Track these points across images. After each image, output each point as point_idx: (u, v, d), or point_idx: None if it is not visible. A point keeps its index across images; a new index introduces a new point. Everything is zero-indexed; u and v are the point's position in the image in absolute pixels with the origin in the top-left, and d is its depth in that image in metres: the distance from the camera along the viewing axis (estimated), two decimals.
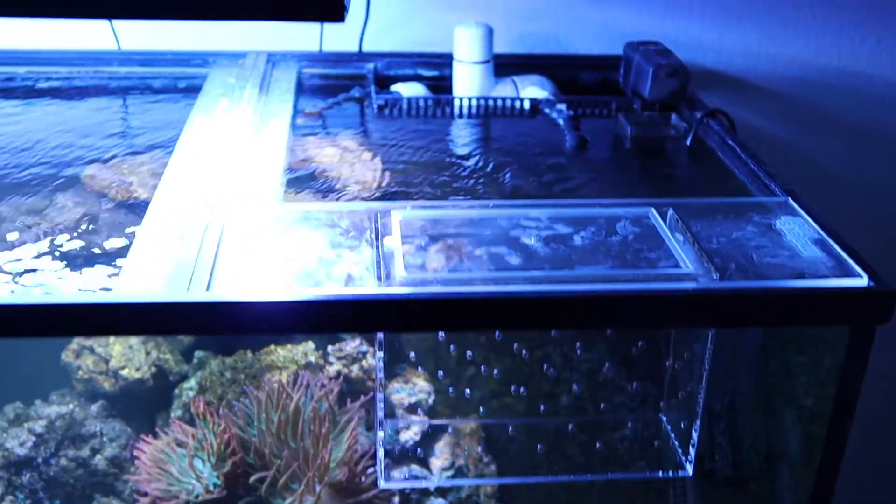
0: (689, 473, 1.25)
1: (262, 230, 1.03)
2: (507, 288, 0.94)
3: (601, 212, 1.11)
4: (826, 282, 0.98)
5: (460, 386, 1.34)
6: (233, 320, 0.89)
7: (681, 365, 1.24)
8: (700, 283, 0.97)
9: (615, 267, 1.00)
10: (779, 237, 1.07)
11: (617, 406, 1.29)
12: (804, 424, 1.17)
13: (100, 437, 1.38)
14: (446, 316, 0.93)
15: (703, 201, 1.15)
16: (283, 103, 1.44)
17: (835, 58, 1.80)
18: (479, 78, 1.55)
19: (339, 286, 0.93)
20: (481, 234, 1.05)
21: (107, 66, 1.60)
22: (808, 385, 1.16)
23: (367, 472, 1.30)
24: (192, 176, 1.16)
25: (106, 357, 1.39)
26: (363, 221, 1.06)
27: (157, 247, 0.99)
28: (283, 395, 1.31)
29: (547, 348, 1.28)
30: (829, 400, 1.07)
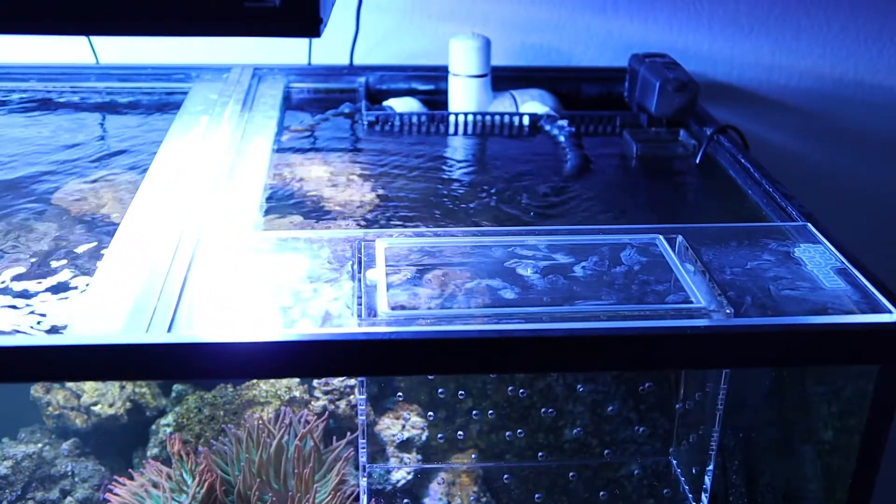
0: None
1: (234, 261, 0.95)
2: (502, 327, 0.85)
3: (604, 239, 1.02)
4: (852, 318, 0.89)
5: (455, 422, 1.26)
6: (195, 365, 0.81)
7: (692, 405, 1.15)
8: (713, 320, 0.88)
9: (620, 302, 0.91)
10: (798, 267, 0.98)
11: (623, 448, 1.20)
12: (824, 459, 1.08)
13: (71, 478, 1.30)
14: (434, 358, 0.84)
15: (715, 227, 1.06)
16: (267, 120, 1.36)
17: (851, 69, 1.72)
18: (475, 92, 1.47)
19: (313, 326, 0.84)
20: (473, 266, 0.96)
21: (84, 82, 1.52)
22: (828, 416, 1.08)
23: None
24: (164, 201, 1.08)
25: (78, 392, 1.30)
26: (345, 251, 0.97)
27: (119, 280, 0.90)
28: (264, 433, 1.22)
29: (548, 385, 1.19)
30: (850, 432, 0.99)
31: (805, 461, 1.12)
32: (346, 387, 1.28)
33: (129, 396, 1.30)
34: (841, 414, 1.06)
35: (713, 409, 1.10)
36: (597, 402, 1.16)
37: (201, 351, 0.80)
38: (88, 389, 1.29)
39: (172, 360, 0.80)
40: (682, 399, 1.15)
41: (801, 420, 1.13)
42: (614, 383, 1.16)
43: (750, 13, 1.66)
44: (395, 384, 1.29)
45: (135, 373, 0.82)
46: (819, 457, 1.09)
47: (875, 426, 0.95)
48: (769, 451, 1.21)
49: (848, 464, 1.04)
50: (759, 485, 1.21)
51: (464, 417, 1.23)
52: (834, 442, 1.07)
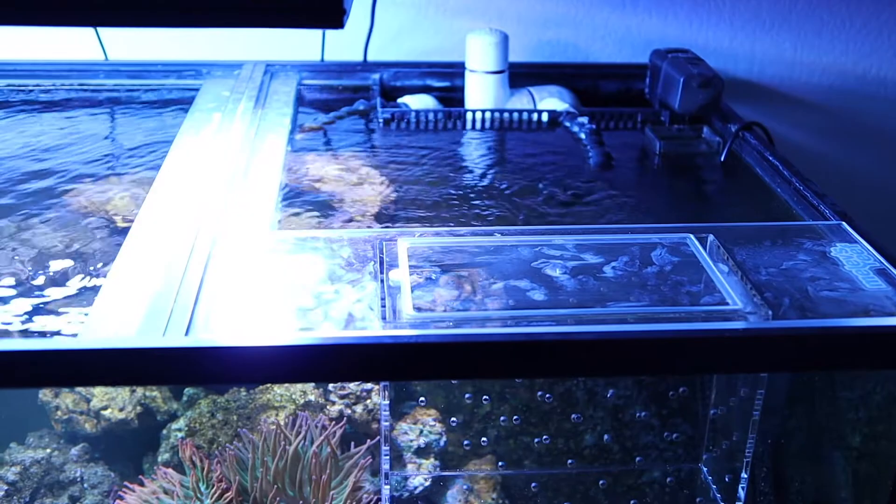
0: None
1: (251, 262, 0.91)
2: (531, 329, 0.81)
3: (634, 239, 0.98)
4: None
5: (475, 427, 1.22)
6: (214, 370, 0.77)
7: (725, 410, 1.11)
8: (751, 322, 0.85)
9: (653, 303, 0.87)
10: (836, 267, 0.94)
11: (652, 455, 1.16)
12: (853, 465, 1.05)
13: (80, 484, 1.26)
14: (461, 362, 0.80)
15: (747, 226, 1.02)
16: (280, 117, 1.32)
17: (874, 66, 1.68)
18: (493, 89, 1.44)
19: (336, 328, 0.81)
20: (499, 266, 0.93)
21: (93, 79, 1.49)
22: (856, 422, 1.04)
23: None
24: (177, 201, 1.04)
25: (87, 396, 1.27)
26: (366, 251, 0.94)
27: (134, 282, 0.87)
28: (280, 438, 1.19)
29: (568, 390, 1.16)
30: (878, 438, 0.95)
31: (835, 468, 1.09)
32: (363, 391, 1.24)
33: (139, 401, 1.27)
34: (870, 420, 1.03)
35: (747, 415, 1.06)
36: (623, 407, 1.13)
37: (220, 355, 0.77)
38: (98, 393, 1.26)
39: (190, 364, 0.77)
40: (715, 404, 1.11)
41: (831, 426, 1.10)
42: (642, 388, 1.13)
43: (772, 8, 1.63)
44: (413, 388, 1.25)
45: (151, 378, 0.78)
46: (848, 463, 1.06)
47: None
48: (799, 457, 1.17)
49: (877, 470, 1.01)
50: (790, 492, 1.17)
51: (483, 423, 1.20)
52: (862, 448, 1.04)
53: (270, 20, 0.82)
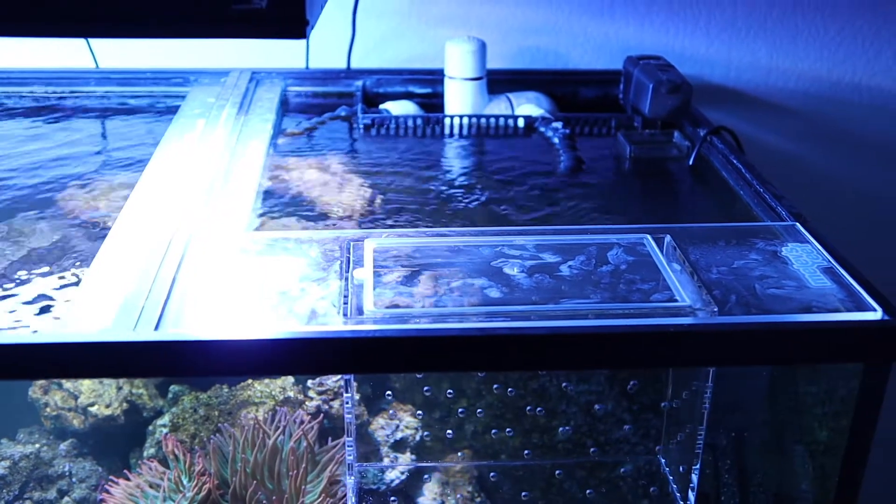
0: None
1: (224, 261, 0.96)
2: (486, 325, 0.85)
3: (592, 239, 1.02)
4: (836, 316, 0.89)
5: (450, 421, 1.26)
6: (181, 363, 0.82)
7: (680, 403, 1.15)
8: (698, 318, 0.89)
9: (605, 300, 0.91)
10: (785, 266, 0.98)
11: (612, 447, 1.20)
12: (818, 459, 1.08)
13: (68, 478, 1.31)
14: (419, 356, 0.85)
15: (703, 227, 1.06)
16: (263, 123, 1.36)
17: (849, 72, 1.72)
18: (471, 95, 1.48)
19: (299, 324, 0.85)
20: (461, 265, 0.97)
21: (84, 86, 1.53)
22: (823, 417, 1.08)
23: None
24: (157, 203, 1.09)
25: (75, 393, 1.32)
26: (334, 251, 0.98)
27: (110, 279, 0.91)
28: (259, 433, 1.23)
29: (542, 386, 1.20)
30: (844, 433, 0.99)
31: (797, 461, 1.12)
32: (341, 387, 1.29)
33: (125, 397, 1.31)
34: (835, 414, 1.06)
35: (700, 408, 1.10)
36: (587, 401, 1.17)
37: (186, 349, 0.81)
38: (86, 391, 1.30)
39: (159, 357, 0.81)
40: (670, 398, 1.15)
41: (793, 420, 1.14)
42: (605, 383, 1.17)
43: (747, 16, 1.67)
44: (390, 384, 1.30)
45: (121, 370, 0.83)
46: (812, 457, 1.09)
47: (860, 425, 0.95)
48: (761, 450, 1.21)
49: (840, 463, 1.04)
50: (751, 485, 1.21)
51: (457, 417, 1.24)
52: (828, 442, 1.07)
53: (239, 31, 0.87)
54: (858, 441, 0.96)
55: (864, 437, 0.95)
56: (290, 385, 1.29)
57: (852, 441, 0.96)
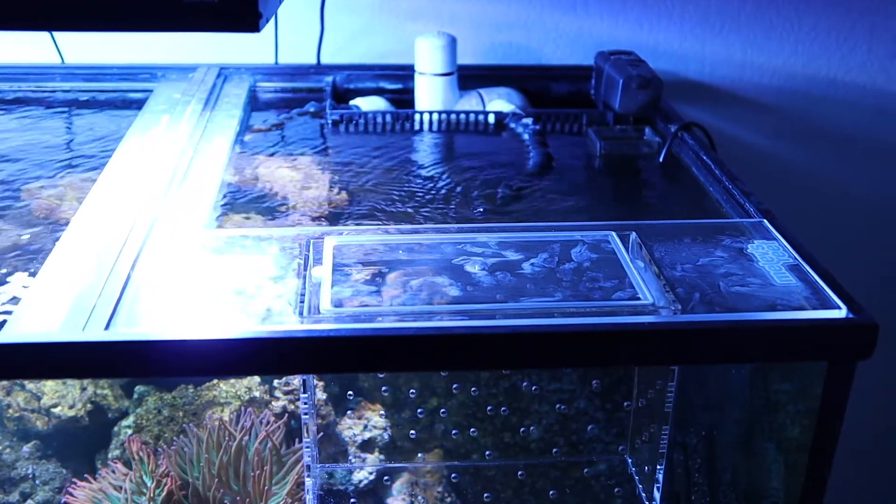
0: None
1: (181, 259, 0.94)
2: (443, 324, 0.84)
3: (556, 236, 1.01)
4: (800, 314, 0.88)
5: (418, 421, 1.25)
6: (130, 364, 0.80)
7: (645, 403, 1.14)
8: (660, 317, 0.87)
9: (567, 298, 0.90)
10: (750, 263, 0.97)
11: (579, 447, 1.19)
12: (791, 456, 1.07)
13: (31, 481, 1.29)
14: (376, 356, 0.83)
15: (670, 223, 1.05)
16: (229, 119, 1.35)
17: (824, 68, 1.71)
18: (441, 91, 1.46)
19: (254, 323, 0.83)
20: (422, 263, 0.95)
21: (50, 82, 1.51)
22: (795, 414, 1.07)
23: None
24: (115, 200, 1.07)
25: (38, 394, 1.30)
26: (293, 249, 0.97)
27: (63, 278, 0.90)
28: (224, 434, 1.22)
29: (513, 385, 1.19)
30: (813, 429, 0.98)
31: (768, 459, 1.11)
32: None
33: (90, 398, 1.29)
34: (808, 412, 1.05)
35: (664, 407, 1.09)
36: (553, 401, 1.15)
37: (136, 349, 0.79)
38: (49, 391, 1.28)
39: (108, 358, 0.80)
40: (635, 397, 1.14)
41: (763, 418, 1.13)
42: (570, 383, 1.15)
43: (721, 11, 1.65)
44: (358, 384, 1.28)
45: (70, 371, 0.81)
46: (785, 454, 1.08)
47: (825, 424, 0.94)
48: (731, 449, 1.20)
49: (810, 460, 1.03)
50: (721, 483, 1.20)
51: (426, 418, 1.23)
52: (800, 440, 1.06)
53: (192, 24, 0.85)
54: (824, 440, 0.95)
55: (830, 435, 0.94)
56: (257, 385, 1.27)
57: (818, 440, 0.95)
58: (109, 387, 1.32)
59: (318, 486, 1.19)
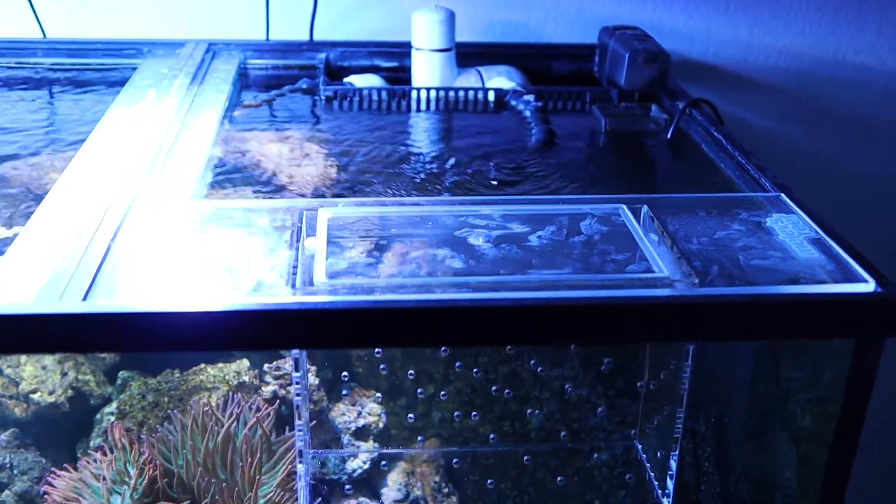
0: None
1: (165, 230, 0.88)
2: (444, 296, 0.78)
3: (564, 209, 0.95)
4: (826, 287, 0.83)
5: (415, 409, 1.19)
6: (108, 337, 0.74)
7: (657, 385, 1.08)
8: (677, 290, 0.82)
9: (577, 271, 0.84)
10: (769, 237, 0.91)
11: (587, 432, 1.13)
12: (801, 447, 1.02)
13: (9, 470, 1.23)
14: (372, 329, 0.77)
15: (683, 197, 1.00)
16: (218, 94, 1.29)
17: (832, 49, 1.66)
18: (439, 67, 1.41)
19: (244, 296, 0.78)
20: (422, 235, 0.90)
21: (31, 57, 1.45)
22: (806, 403, 1.02)
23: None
24: (97, 171, 1.01)
25: (16, 380, 1.24)
26: (285, 221, 0.91)
27: (40, 248, 0.84)
28: (211, 419, 1.16)
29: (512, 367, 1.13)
30: (828, 419, 0.92)
31: (781, 449, 1.06)
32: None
33: (71, 384, 1.24)
34: (819, 401, 1.00)
35: (678, 390, 1.04)
36: (560, 384, 1.10)
37: (115, 321, 0.74)
38: (27, 377, 1.23)
39: (85, 331, 0.74)
40: (647, 379, 1.08)
41: (776, 407, 1.07)
42: (579, 365, 1.10)
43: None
44: (352, 369, 1.23)
45: (44, 346, 0.75)
46: (796, 445, 1.04)
47: (853, 405, 0.89)
48: (743, 438, 1.15)
49: (825, 452, 0.98)
50: (733, 473, 1.15)
51: (423, 403, 1.17)
52: (812, 429, 1.01)
53: None
54: (849, 422, 0.89)
55: (857, 416, 0.89)
56: (246, 369, 1.22)
57: (844, 421, 0.90)
58: (91, 372, 1.27)
59: (311, 473, 1.13)
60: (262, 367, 1.23)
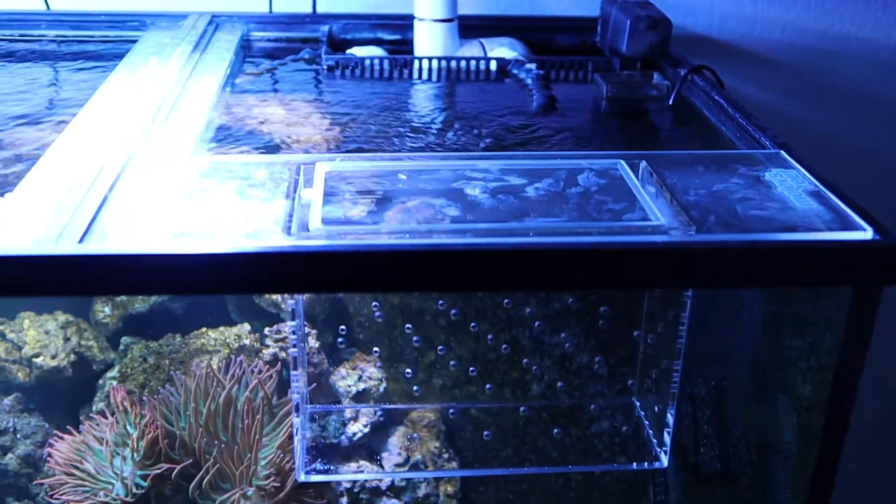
0: (665, 465, 1.09)
1: (162, 182, 0.88)
2: (438, 240, 0.78)
3: (562, 164, 0.95)
4: (823, 235, 0.83)
5: (415, 372, 1.19)
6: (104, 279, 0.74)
7: (654, 339, 1.08)
8: (673, 237, 0.82)
9: (572, 220, 0.84)
10: (768, 189, 0.91)
11: (584, 390, 1.13)
12: (801, 414, 1.02)
13: (12, 434, 1.23)
14: (366, 273, 0.77)
15: (682, 153, 1.00)
16: (219, 62, 1.29)
17: (836, 23, 1.65)
18: (441, 37, 1.41)
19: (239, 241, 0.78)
20: (419, 187, 0.90)
21: (35, 29, 1.46)
22: (807, 371, 1.01)
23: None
24: (97, 129, 1.01)
25: (19, 344, 1.24)
26: (283, 174, 0.91)
27: (38, 196, 0.84)
28: (213, 382, 1.16)
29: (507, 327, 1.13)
30: (829, 385, 0.92)
31: (780, 413, 1.06)
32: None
33: (73, 349, 1.24)
34: (820, 368, 1.00)
35: (675, 342, 1.03)
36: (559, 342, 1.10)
37: (111, 263, 0.74)
38: (30, 341, 1.23)
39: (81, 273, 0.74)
40: (645, 333, 1.08)
41: (776, 373, 1.07)
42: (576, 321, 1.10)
43: None
44: (353, 334, 1.23)
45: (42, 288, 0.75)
46: (797, 412, 1.03)
47: (849, 357, 0.88)
48: (742, 402, 1.15)
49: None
50: (732, 436, 1.14)
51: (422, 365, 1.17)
52: (812, 398, 1.01)
53: None
54: (848, 375, 0.89)
55: (854, 370, 0.88)
56: (247, 333, 1.22)
57: (841, 375, 0.90)
58: (94, 338, 1.27)
59: (307, 426, 1.13)
60: (263, 330, 1.23)
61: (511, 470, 1.14)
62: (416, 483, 1.24)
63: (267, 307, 1.24)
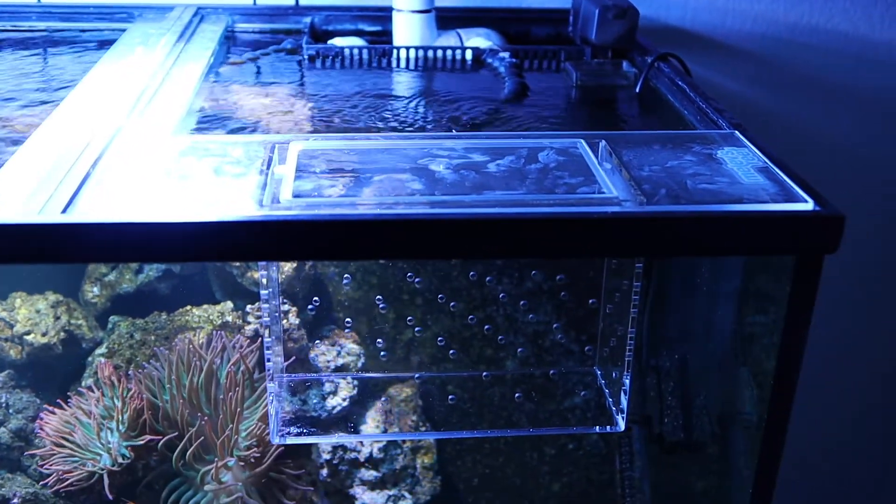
0: (621, 428, 1.14)
1: (144, 158, 0.93)
2: (401, 210, 0.83)
3: (524, 143, 1.00)
4: (767, 206, 0.88)
5: (390, 346, 1.24)
6: (86, 247, 0.79)
7: (612, 309, 1.13)
8: (624, 207, 0.87)
9: (529, 192, 0.89)
10: (719, 165, 0.96)
11: (550, 359, 1.18)
12: (763, 388, 1.07)
13: (4, 409, 1.28)
14: (334, 242, 0.82)
15: (640, 133, 1.05)
16: (203, 51, 1.34)
17: (806, 14, 1.70)
18: (419, 28, 1.45)
19: (211, 210, 0.83)
20: (386, 164, 0.95)
21: (25, 21, 1.50)
22: (769, 347, 1.06)
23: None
24: (82, 112, 1.06)
25: (11, 322, 1.29)
26: (258, 152, 0.96)
27: (23, 172, 0.89)
28: (195, 356, 1.21)
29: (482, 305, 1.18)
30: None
31: (741, 386, 1.11)
32: (281, 312, 1.26)
33: (63, 327, 1.29)
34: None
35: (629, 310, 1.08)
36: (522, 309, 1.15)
37: (93, 231, 0.79)
38: (21, 318, 1.28)
39: (63, 241, 0.79)
40: (602, 301, 1.13)
41: (738, 347, 1.12)
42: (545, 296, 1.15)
43: None
44: (333, 314, 1.27)
45: (27, 255, 0.80)
46: (758, 386, 1.08)
47: (793, 324, 0.93)
48: (705, 375, 1.19)
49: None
50: (694, 407, 1.19)
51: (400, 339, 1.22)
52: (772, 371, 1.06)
53: None
54: (793, 339, 0.94)
55: (799, 333, 0.93)
56: (229, 310, 1.27)
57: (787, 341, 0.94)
58: (84, 317, 1.32)
59: (282, 394, 1.18)
60: (245, 308, 1.28)
61: (481, 432, 1.20)
62: (394, 455, 1.29)
63: (249, 286, 1.29)
